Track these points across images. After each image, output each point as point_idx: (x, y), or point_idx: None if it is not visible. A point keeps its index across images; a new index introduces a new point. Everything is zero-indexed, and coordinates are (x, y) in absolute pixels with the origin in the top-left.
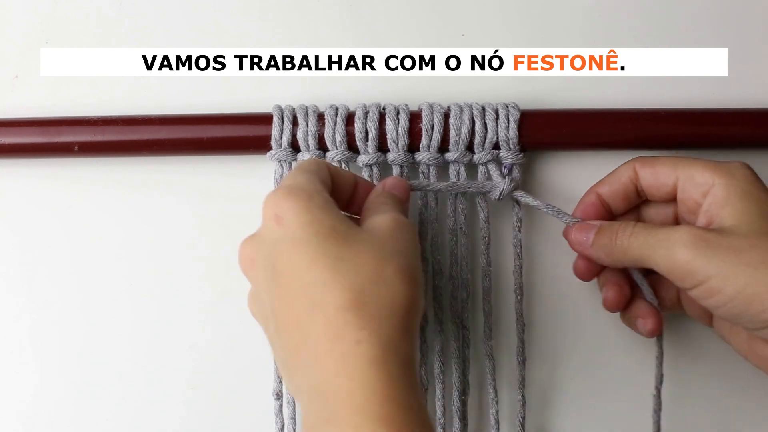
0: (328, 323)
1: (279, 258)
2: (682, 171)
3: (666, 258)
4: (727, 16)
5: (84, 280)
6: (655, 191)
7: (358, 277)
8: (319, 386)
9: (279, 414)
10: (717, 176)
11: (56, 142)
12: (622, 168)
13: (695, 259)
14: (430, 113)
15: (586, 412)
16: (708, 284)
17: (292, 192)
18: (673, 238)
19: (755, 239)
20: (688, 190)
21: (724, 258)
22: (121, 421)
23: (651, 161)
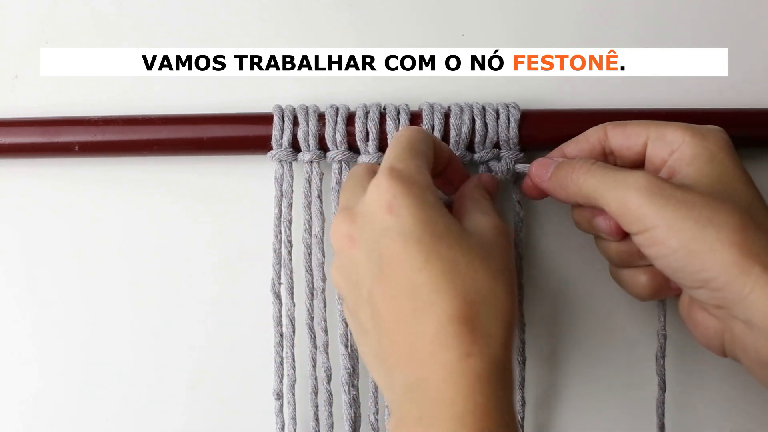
0: (438, 330)
1: (388, 249)
2: (654, 130)
3: (617, 199)
4: (727, 16)
5: (85, 280)
6: (625, 151)
7: (471, 288)
8: (419, 386)
9: (279, 414)
10: (688, 135)
11: (57, 142)
12: (593, 129)
13: (645, 205)
14: (431, 113)
15: (586, 413)
16: (653, 233)
17: (406, 182)
18: (627, 180)
19: (709, 198)
20: (657, 148)
21: (674, 209)
22: (121, 421)
23: (623, 124)
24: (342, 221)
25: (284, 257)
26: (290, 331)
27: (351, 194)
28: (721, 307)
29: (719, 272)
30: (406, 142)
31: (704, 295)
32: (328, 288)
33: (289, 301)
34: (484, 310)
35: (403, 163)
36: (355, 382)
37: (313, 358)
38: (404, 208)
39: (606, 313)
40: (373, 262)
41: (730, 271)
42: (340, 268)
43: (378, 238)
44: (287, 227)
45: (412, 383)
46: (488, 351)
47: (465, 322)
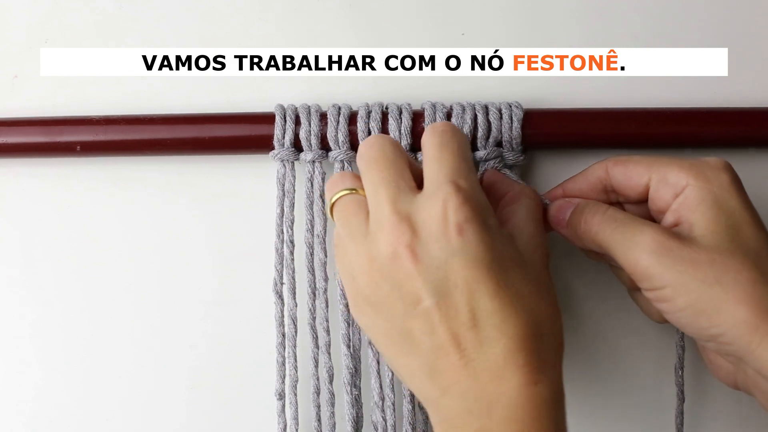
0: (507, 357)
1: (458, 273)
2: (656, 171)
3: (627, 258)
4: (727, 16)
5: (86, 279)
6: (628, 191)
7: (535, 317)
8: (483, 406)
9: (281, 414)
10: (691, 177)
11: (59, 141)
12: (594, 167)
13: (654, 266)
14: (433, 112)
15: (586, 413)
16: (662, 291)
17: (475, 206)
18: (636, 239)
19: (716, 254)
20: (660, 190)
21: (682, 270)
22: (122, 421)
23: (624, 161)
24: (404, 231)
25: (286, 257)
26: (292, 331)
27: (395, 189)
28: (731, 356)
29: (727, 329)
30: (459, 150)
31: (714, 347)
32: (330, 288)
33: (291, 301)
34: (546, 339)
35: (467, 181)
36: (357, 382)
37: (315, 358)
38: (474, 234)
39: (606, 313)
40: (438, 282)
41: (739, 328)
42: (389, 276)
43: (446, 258)
44: (289, 227)
45: (474, 402)
46: (551, 381)
47: (532, 351)
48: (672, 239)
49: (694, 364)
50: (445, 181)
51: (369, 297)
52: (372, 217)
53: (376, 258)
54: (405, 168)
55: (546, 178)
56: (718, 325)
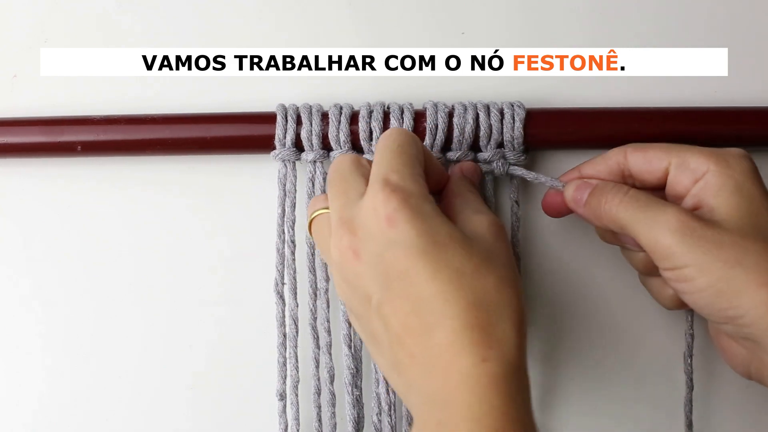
0: (453, 339)
1: (394, 263)
2: (676, 156)
3: (649, 237)
4: (727, 16)
5: (86, 280)
6: (646, 176)
7: (480, 294)
8: (437, 393)
9: (282, 414)
10: (712, 163)
11: (59, 141)
12: (613, 151)
13: (677, 245)
14: (434, 112)
15: (594, 400)
16: (683, 271)
17: (402, 194)
18: (659, 219)
19: (738, 236)
20: (679, 175)
21: (705, 250)
22: (122, 421)
23: (644, 147)
24: (343, 234)
25: (287, 257)
26: (293, 332)
27: (344, 199)
28: (748, 339)
29: (746, 311)
30: (397, 148)
31: (731, 329)
32: (331, 288)
33: (292, 302)
34: (496, 314)
35: (398, 174)
36: (358, 382)
37: (316, 359)
38: (404, 221)
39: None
40: (380, 276)
41: (758, 310)
42: (345, 280)
43: (382, 251)
44: (290, 227)
45: (431, 392)
46: (503, 354)
47: (479, 328)
48: (695, 219)
49: (704, 352)
50: (376, 180)
51: (346, 304)
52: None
53: (335, 266)
54: (358, 179)
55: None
56: (737, 306)
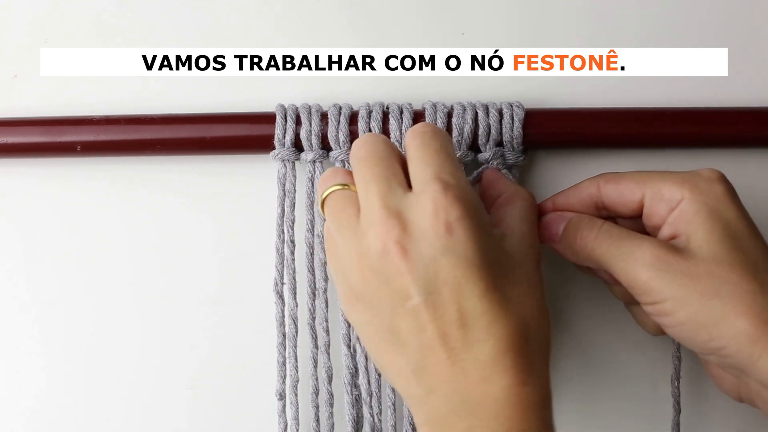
0: (495, 358)
1: (448, 270)
2: (649, 186)
3: (626, 272)
4: (727, 16)
5: (86, 280)
6: (620, 208)
7: (523, 320)
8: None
9: (282, 414)
10: (686, 190)
11: (59, 141)
12: (585, 183)
13: (653, 280)
14: (434, 112)
15: (583, 423)
16: (662, 305)
17: (464, 204)
18: (635, 254)
19: (714, 266)
20: (654, 206)
21: (681, 284)
22: (122, 422)
23: (616, 177)
24: (394, 226)
25: (287, 257)
26: (293, 331)
27: (386, 185)
28: (733, 368)
29: (728, 342)
30: (442, 149)
31: (716, 360)
32: (331, 288)
33: (292, 301)
34: (534, 344)
35: (454, 177)
36: (357, 382)
37: (315, 359)
38: (465, 233)
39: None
40: (428, 279)
41: (739, 341)
42: (378, 272)
43: (436, 255)
44: (290, 227)
45: (463, 400)
46: (538, 381)
47: (520, 353)
48: (670, 253)
49: (691, 375)
50: (432, 179)
51: (359, 292)
52: (363, 212)
53: (366, 253)
54: (396, 166)
55: (546, 178)
56: (718, 338)
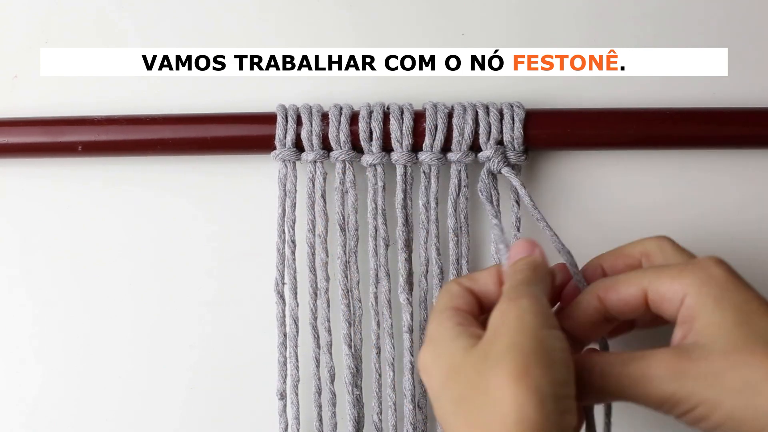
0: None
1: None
2: (650, 289)
3: (648, 396)
4: (727, 16)
5: (86, 279)
6: (630, 314)
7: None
8: None
9: (283, 414)
10: (687, 285)
11: (60, 141)
12: (586, 299)
13: (677, 392)
14: (434, 113)
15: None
16: (695, 412)
17: (424, 347)
18: (648, 375)
19: (734, 356)
20: (661, 307)
21: (707, 386)
22: (122, 422)
23: (614, 286)
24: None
25: (288, 257)
26: (294, 331)
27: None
28: None
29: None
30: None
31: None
32: (332, 288)
33: (293, 301)
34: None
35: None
36: (358, 382)
37: (317, 358)
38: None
39: None
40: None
41: None
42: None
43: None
44: (291, 227)
45: None
46: None
47: None
48: (685, 359)
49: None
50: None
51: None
52: None
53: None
54: None
55: (546, 178)
56: (764, 427)
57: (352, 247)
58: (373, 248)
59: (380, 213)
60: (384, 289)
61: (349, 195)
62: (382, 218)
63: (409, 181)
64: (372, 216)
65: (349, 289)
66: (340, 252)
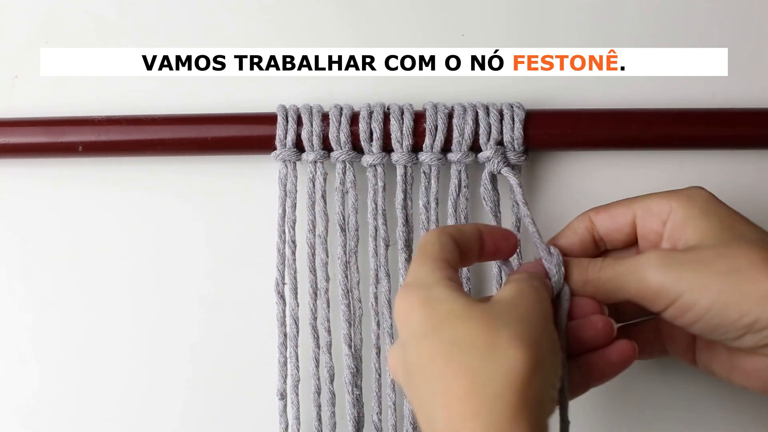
0: (449, 418)
1: (407, 358)
2: (638, 206)
3: (637, 284)
4: (727, 16)
5: (87, 280)
6: (615, 234)
7: (470, 356)
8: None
9: (283, 414)
10: (673, 201)
11: (60, 141)
12: (576, 220)
13: (665, 278)
14: (434, 113)
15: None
16: (681, 300)
17: (408, 290)
18: (640, 262)
19: (721, 248)
20: (647, 223)
21: (694, 271)
22: (122, 422)
23: (605, 207)
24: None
25: (288, 257)
26: (294, 331)
27: None
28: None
29: (758, 313)
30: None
31: (750, 340)
32: (332, 288)
33: (293, 301)
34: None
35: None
36: (358, 382)
37: (317, 358)
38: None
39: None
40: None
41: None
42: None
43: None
44: (291, 227)
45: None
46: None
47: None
48: (675, 251)
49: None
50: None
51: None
52: None
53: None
54: None
55: (546, 179)
56: (749, 311)
57: (353, 247)
58: (373, 248)
59: (380, 213)
60: (384, 290)
61: (349, 195)
62: (382, 218)
63: (409, 182)
64: (372, 216)
65: (349, 289)
66: (341, 252)
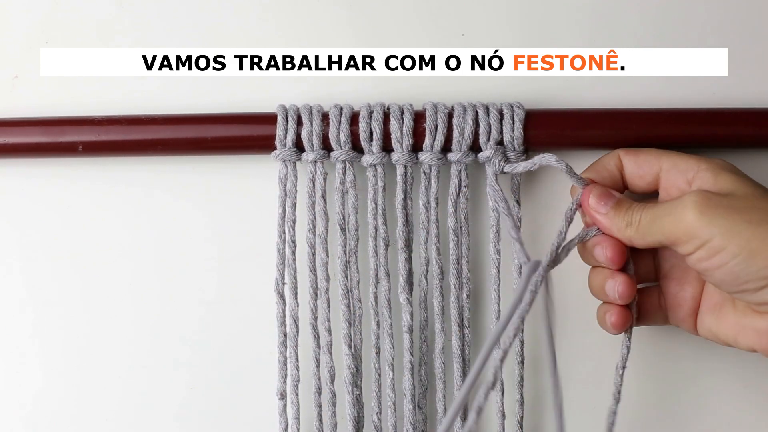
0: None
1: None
2: (666, 159)
3: (674, 222)
4: (727, 16)
5: (86, 279)
6: (637, 180)
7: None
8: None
9: (283, 414)
10: (702, 162)
11: (60, 141)
12: (607, 157)
13: (699, 219)
14: (434, 113)
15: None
16: (711, 244)
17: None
18: (681, 202)
19: (754, 200)
20: (672, 177)
21: (727, 216)
22: (122, 422)
23: (634, 151)
24: None
25: (288, 257)
26: (294, 331)
27: None
28: None
29: None
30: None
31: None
32: (332, 288)
33: (293, 301)
34: None
35: None
36: (358, 382)
37: (317, 358)
38: None
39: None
40: None
41: None
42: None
43: None
44: (291, 227)
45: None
46: None
47: None
48: (712, 194)
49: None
50: None
51: None
52: None
53: None
54: None
55: (546, 179)
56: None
57: (352, 247)
58: (373, 248)
59: (380, 213)
60: (384, 289)
61: (349, 195)
62: (382, 218)
63: (409, 182)
64: (372, 216)
65: (349, 289)
66: (340, 252)
